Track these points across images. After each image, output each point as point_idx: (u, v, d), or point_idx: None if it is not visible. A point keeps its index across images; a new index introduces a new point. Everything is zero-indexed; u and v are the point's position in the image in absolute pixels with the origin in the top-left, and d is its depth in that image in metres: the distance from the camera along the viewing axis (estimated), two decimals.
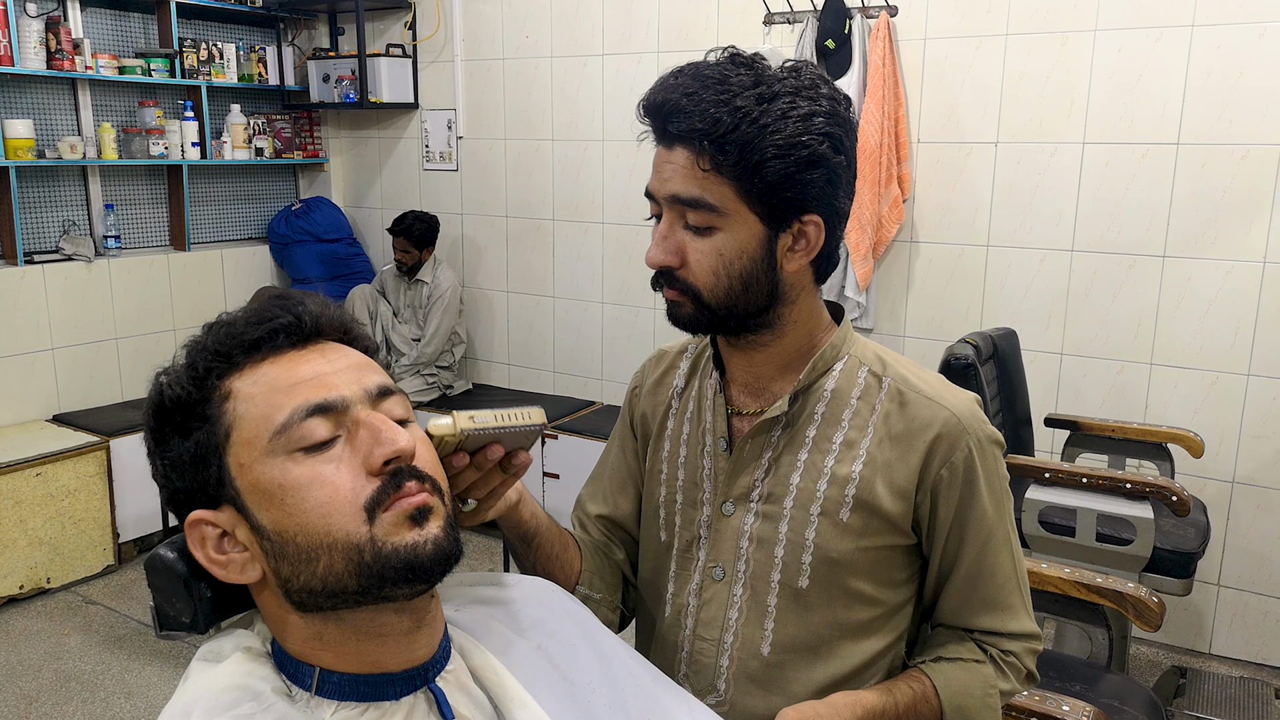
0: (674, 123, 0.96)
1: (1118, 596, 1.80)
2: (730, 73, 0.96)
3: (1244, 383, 2.97)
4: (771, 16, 3.52)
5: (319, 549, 0.71)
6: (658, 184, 1.00)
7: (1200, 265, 2.99)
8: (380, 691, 0.76)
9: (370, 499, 0.72)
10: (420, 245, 4.22)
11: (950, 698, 1.04)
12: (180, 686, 0.75)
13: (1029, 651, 1.09)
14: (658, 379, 1.21)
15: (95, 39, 3.93)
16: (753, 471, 1.07)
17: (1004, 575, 1.07)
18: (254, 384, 0.75)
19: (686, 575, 1.12)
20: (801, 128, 0.94)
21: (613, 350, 4.20)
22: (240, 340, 0.76)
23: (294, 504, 0.72)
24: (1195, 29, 2.89)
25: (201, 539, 0.76)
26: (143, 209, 4.24)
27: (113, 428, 3.69)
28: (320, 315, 0.80)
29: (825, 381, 1.06)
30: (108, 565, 3.64)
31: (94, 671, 2.99)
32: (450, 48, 4.37)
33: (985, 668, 1.06)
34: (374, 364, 0.81)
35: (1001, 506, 1.06)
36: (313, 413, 0.73)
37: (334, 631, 0.75)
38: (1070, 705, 1.41)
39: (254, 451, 0.73)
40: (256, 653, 0.77)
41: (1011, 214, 3.25)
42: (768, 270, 1.00)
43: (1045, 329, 3.24)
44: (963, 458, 1.02)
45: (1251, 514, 3.02)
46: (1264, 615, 3.04)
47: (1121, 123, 3.04)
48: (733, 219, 0.97)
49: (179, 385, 0.76)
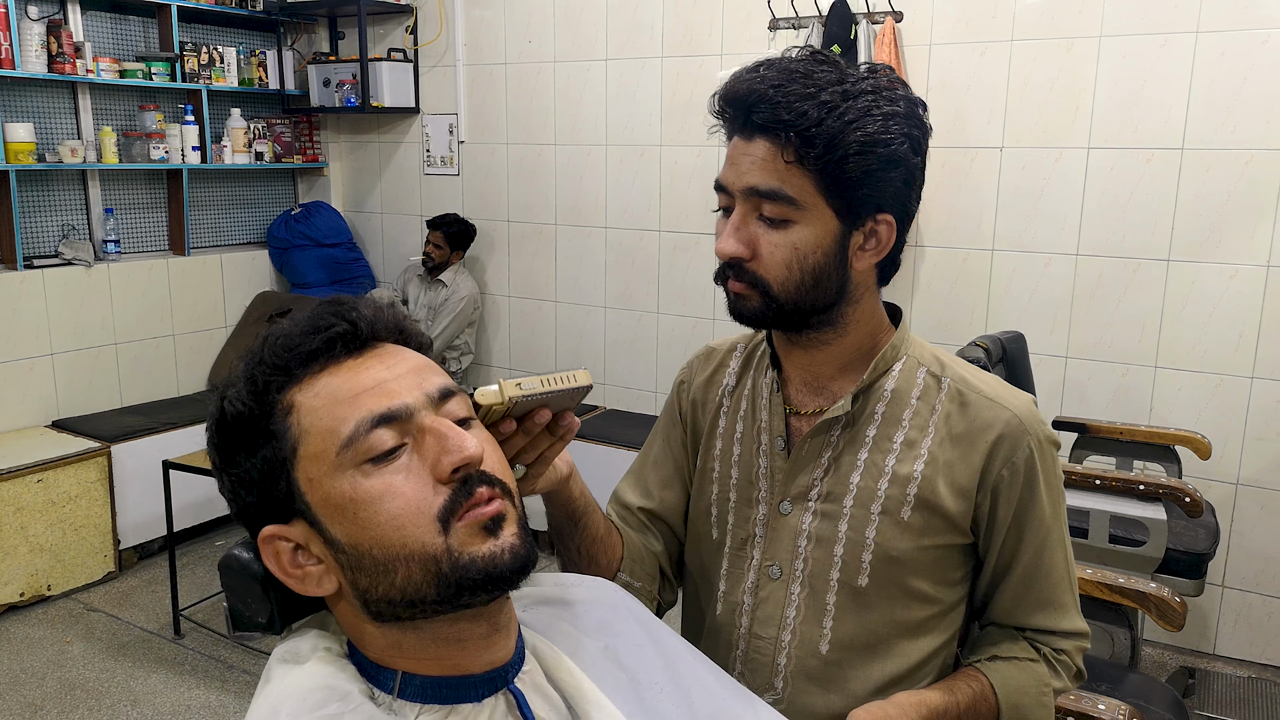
0: (759, 112, 0.95)
1: (1140, 597, 1.82)
2: (814, 69, 0.96)
3: (1248, 385, 3.00)
4: (776, 22, 3.54)
5: (396, 560, 0.71)
6: (734, 176, 0.99)
7: (1205, 269, 3.02)
8: (462, 694, 0.76)
9: (443, 508, 0.71)
10: (453, 245, 4.24)
11: (1007, 696, 1.04)
12: (262, 688, 0.75)
13: (1079, 650, 1.10)
14: (708, 377, 1.20)
15: (96, 42, 3.91)
16: (812, 471, 1.07)
17: (1058, 574, 1.07)
18: (315, 396, 0.74)
19: (740, 573, 1.12)
20: (884, 126, 0.95)
21: (615, 355, 4.20)
22: (298, 353, 0.74)
23: (367, 517, 0.71)
24: (1199, 35, 2.92)
25: (276, 554, 0.75)
26: (142, 213, 4.22)
27: (113, 433, 3.66)
28: (375, 319, 0.79)
29: (885, 382, 1.07)
30: (109, 572, 3.60)
31: (98, 679, 2.96)
32: (452, 52, 4.37)
33: (1039, 666, 1.07)
34: (432, 364, 0.81)
35: (1058, 506, 1.07)
36: (378, 423, 0.72)
37: (412, 640, 0.75)
38: (1106, 704, 1.42)
39: (322, 466, 0.72)
40: (336, 654, 0.77)
41: (1017, 218, 3.27)
42: (839, 267, 1.00)
43: (1051, 332, 3.26)
44: (1024, 458, 1.03)
45: (1256, 515, 3.05)
46: (1268, 616, 3.07)
47: (1126, 128, 3.07)
48: (810, 213, 0.97)
49: (240, 401, 0.74)
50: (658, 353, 4.08)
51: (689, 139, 3.85)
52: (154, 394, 4.15)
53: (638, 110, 3.95)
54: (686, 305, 3.98)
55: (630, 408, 4.16)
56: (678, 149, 3.88)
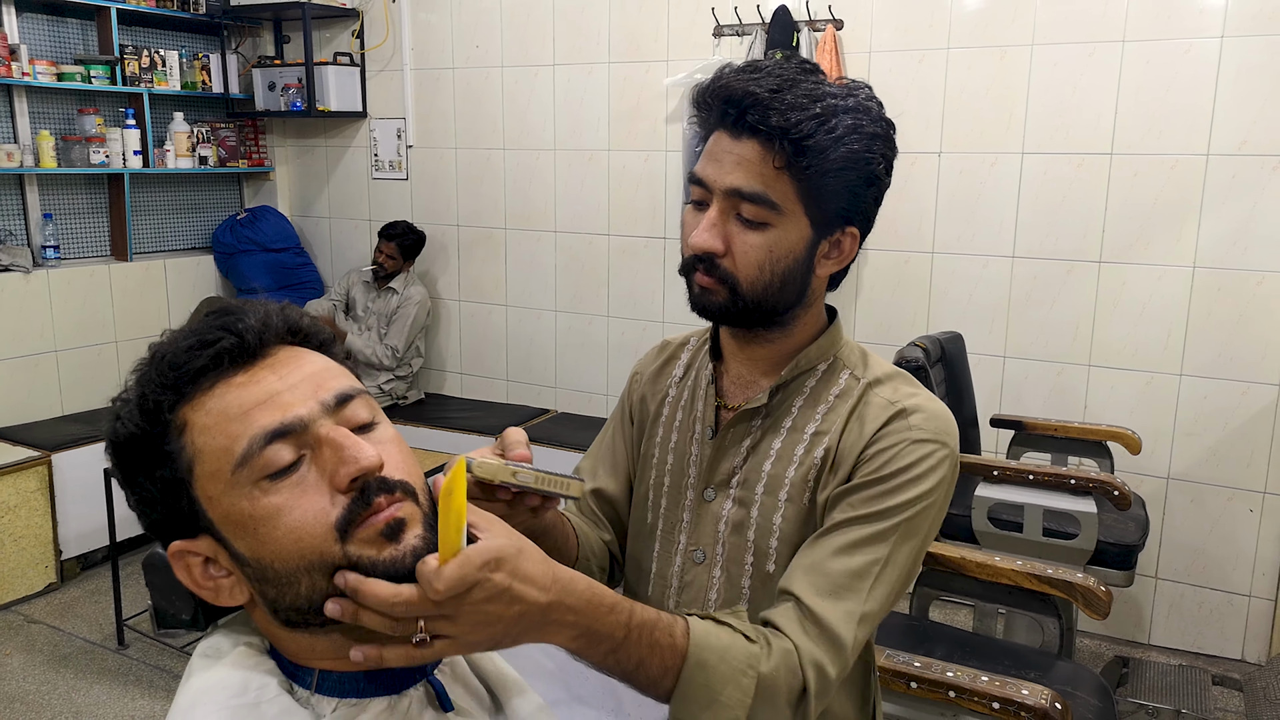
0: (754, 114, 0.97)
1: (1068, 586, 1.88)
2: (804, 79, 0.99)
3: (1177, 382, 3.10)
4: (721, 29, 3.59)
5: (298, 572, 0.70)
6: (716, 173, 1.01)
7: (1134, 270, 3.12)
8: (380, 686, 0.77)
9: (341, 519, 0.70)
10: (406, 256, 4.24)
11: (700, 649, 0.88)
12: (183, 684, 0.75)
13: (815, 664, 0.93)
14: (659, 368, 1.24)
15: (33, 45, 3.84)
16: (732, 459, 1.11)
17: (864, 570, 0.99)
18: (207, 414, 0.72)
19: (669, 556, 1.15)
20: (867, 145, 0.99)
21: (565, 358, 4.22)
22: (185, 370, 0.72)
23: (266, 533, 0.70)
24: (1126, 44, 3.02)
25: (187, 567, 0.75)
26: (83, 218, 4.15)
27: (54, 442, 3.60)
28: (264, 327, 0.76)
29: (807, 379, 1.10)
30: (50, 583, 3.54)
31: (39, 691, 2.91)
32: (399, 57, 4.36)
33: (754, 646, 0.92)
34: (331, 366, 0.78)
35: (911, 513, 1.00)
36: (271, 439, 0.70)
37: (325, 643, 0.76)
38: (1029, 689, 1.47)
39: (219, 484, 0.71)
40: (257, 648, 0.78)
41: (955, 222, 3.35)
42: (804, 272, 1.04)
43: (989, 333, 3.35)
44: (891, 444, 1.02)
45: (1185, 508, 3.15)
46: (1199, 606, 3.17)
47: (1058, 134, 3.16)
48: (787, 219, 1.01)
49: (132, 423, 0.73)
50: (608, 356, 4.11)
51: (636, 144, 3.88)
52: (96, 402, 4.08)
53: (585, 115, 3.98)
54: (636, 308, 4.01)
55: (580, 410, 4.18)
56: (625, 154, 3.91)
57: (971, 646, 2.02)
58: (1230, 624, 3.13)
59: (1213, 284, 3.02)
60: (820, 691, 0.92)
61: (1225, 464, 3.08)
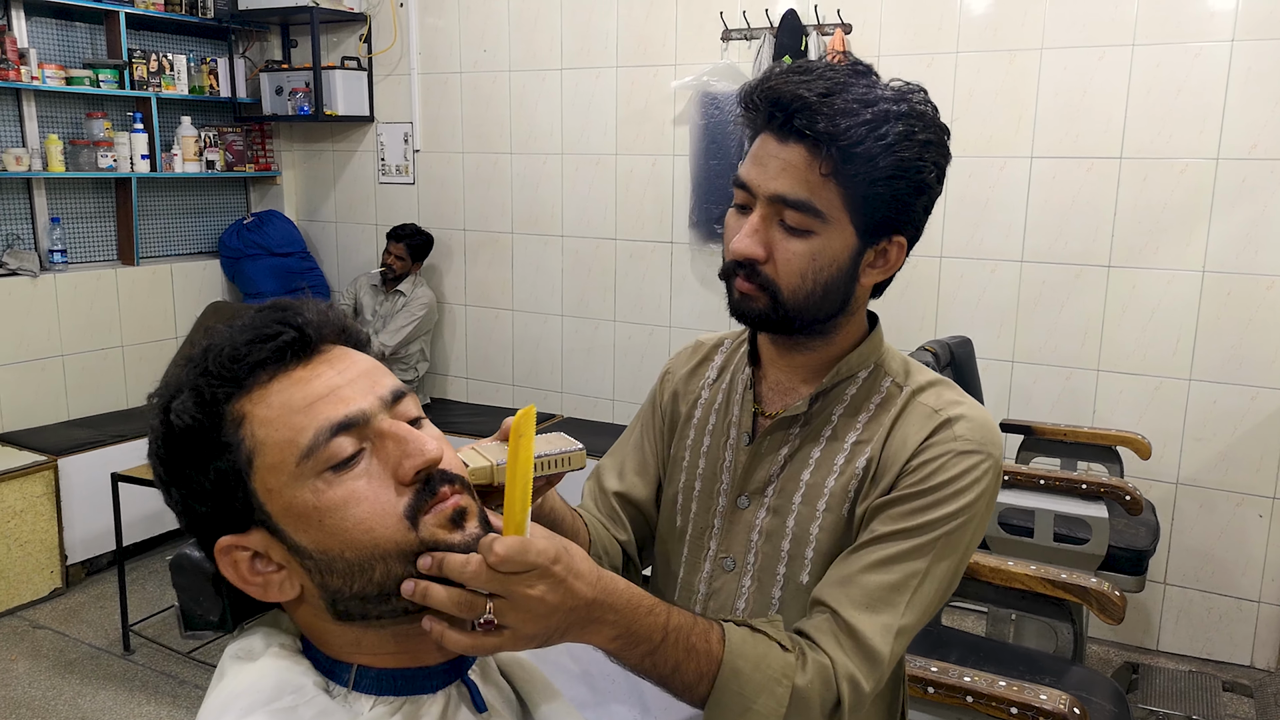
0: (801, 119, 0.94)
1: (1082, 591, 1.87)
2: (855, 82, 0.96)
3: (1186, 387, 3.10)
4: (729, 33, 3.59)
5: (372, 560, 0.72)
6: (760, 177, 0.98)
7: (1143, 275, 3.11)
8: (417, 685, 0.77)
9: (409, 507, 0.73)
10: (414, 256, 4.24)
11: (734, 657, 0.88)
12: (215, 684, 0.75)
13: (850, 679, 0.93)
14: (692, 369, 1.22)
15: (42, 49, 3.85)
16: (769, 467, 1.09)
17: (901, 583, 0.97)
18: (268, 407, 0.72)
19: (697, 562, 1.14)
20: (919, 153, 0.96)
21: (572, 363, 4.22)
22: (246, 363, 0.72)
23: (334, 524, 0.71)
24: (1135, 48, 3.02)
25: (234, 563, 0.75)
26: (90, 222, 4.15)
27: (60, 447, 3.59)
28: (321, 323, 0.77)
29: (848, 387, 1.08)
30: (55, 589, 3.53)
31: (45, 697, 2.90)
32: (406, 61, 4.36)
33: (789, 656, 0.92)
34: (379, 365, 0.81)
35: (952, 526, 0.99)
36: (337, 431, 0.72)
37: (372, 636, 0.76)
38: (1047, 694, 1.46)
39: (282, 476, 0.72)
40: (290, 649, 0.78)
41: (963, 226, 3.35)
42: (848, 281, 1.01)
43: (997, 337, 3.34)
44: (935, 457, 1.00)
45: (1194, 514, 3.14)
46: (1208, 612, 3.16)
47: (1067, 138, 3.16)
48: (832, 227, 0.98)
49: (188, 415, 0.72)
50: (614, 360, 4.10)
51: (644, 148, 3.88)
52: (102, 406, 4.08)
53: (593, 119, 3.98)
54: (643, 313, 4.01)
55: (587, 415, 4.17)
56: (633, 158, 3.91)
57: (985, 652, 2.01)
58: (1240, 630, 3.12)
59: (1222, 288, 3.01)
60: (854, 705, 0.92)
61: (1235, 469, 3.07)
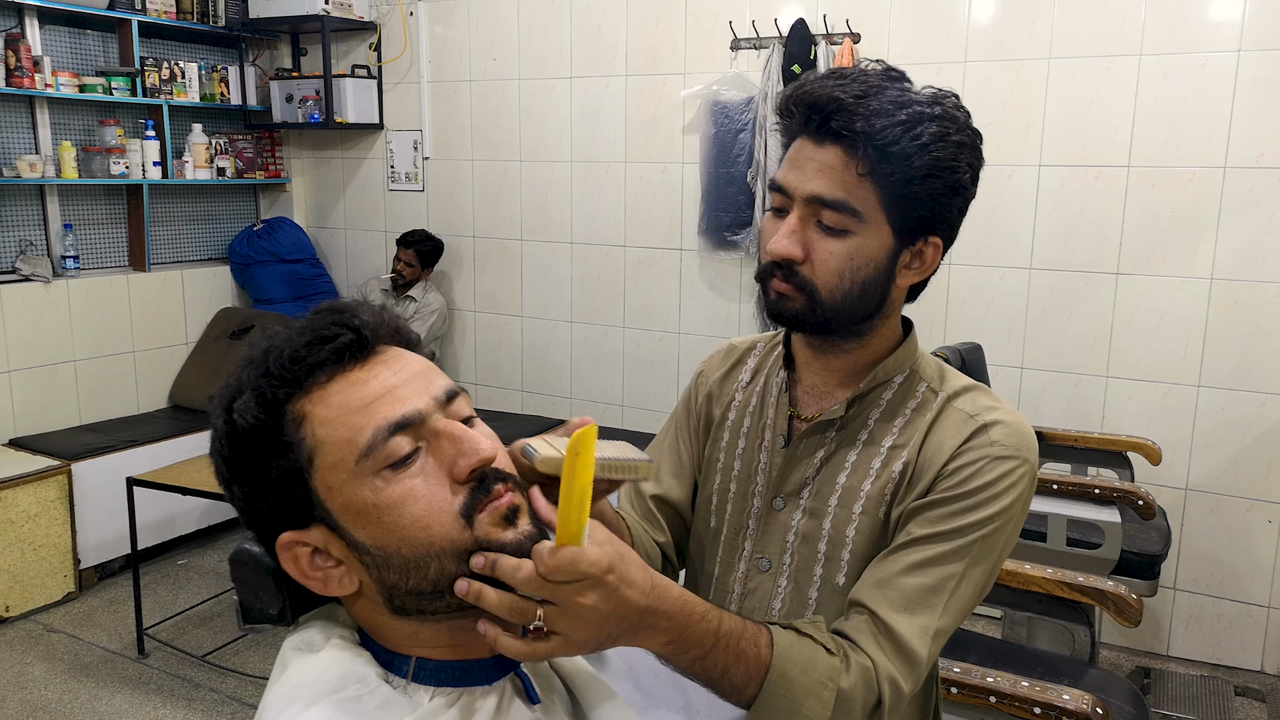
0: (838, 120, 0.96)
1: (1099, 594, 1.89)
2: (889, 86, 0.98)
3: (1194, 394, 3.12)
4: (739, 42, 3.62)
5: (428, 557, 0.73)
6: (797, 180, 1.00)
7: (1151, 282, 3.14)
8: (473, 677, 0.79)
9: (465, 505, 0.74)
10: (424, 263, 4.26)
11: (782, 661, 0.89)
12: (278, 675, 0.77)
13: (890, 680, 0.95)
14: (726, 371, 1.24)
15: (55, 57, 3.87)
16: (805, 469, 1.10)
17: (939, 586, 0.99)
18: (327, 407, 0.74)
19: (731, 562, 1.15)
20: (954, 154, 0.98)
21: (581, 370, 4.23)
22: (306, 364, 0.75)
23: (392, 521, 0.73)
24: (1143, 58, 3.05)
25: (295, 558, 0.77)
26: (102, 229, 4.18)
27: (73, 451, 3.61)
28: (377, 325, 0.80)
29: (884, 392, 1.09)
30: (68, 593, 3.54)
31: (61, 700, 2.91)
32: (416, 69, 4.39)
33: (834, 659, 0.93)
34: (432, 365, 0.83)
35: (989, 530, 1.00)
36: (394, 431, 0.73)
37: (429, 630, 0.78)
38: (1070, 694, 1.48)
39: (341, 474, 0.74)
40: (350, 641, 0.79)
41: (972, 234, 3.37)
42: (884, 282, 1.03)
43: (1006, 344, 3.36)
44: (972, 461, 1.01)
45: (1204, 519, 3.16)
46: (1218, 617, 3.18)
47: (1075, 146, 3.18)
48: (869, 226, 0.99)
49: (250, 415, 0.75)
50: (623, 367, 4.12)
51: (653, 156, 3.91)
52: (114, 411, 4.09)
53: (602, 127, 4.01)
54: (651, 320, 4.03)
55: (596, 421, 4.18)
56: (642, 165, 3.94)
57: (1003, 654, 2.03)
58: (1249, 635, 3.14)
59: (1230, 296, 3.04)
60: (894, 706, 0.94)
61: (1243, 475, 3.09)
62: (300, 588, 0.81)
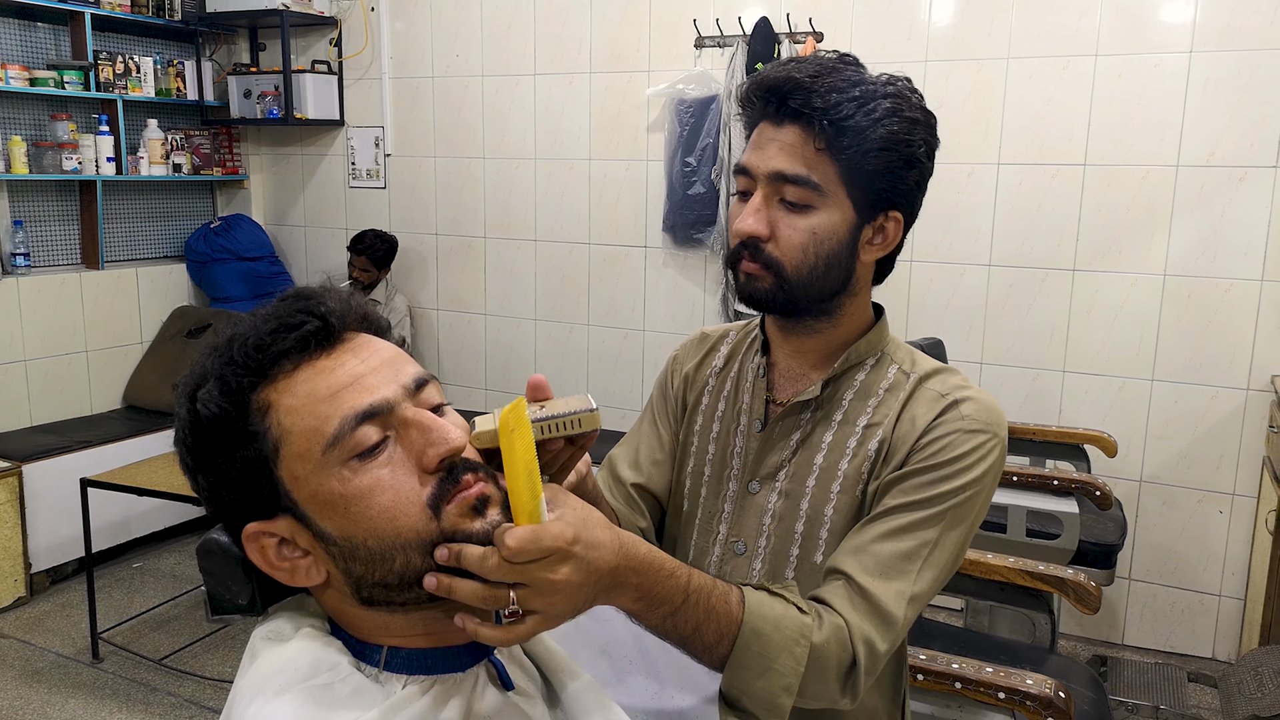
0: (795, 99, 1.00)
1: (1059, 582, 1.92)
2: (843, 68, 1.03)
3: (1149, 387, 3.19)
4: (703, 40, 3.63)
5: (393, 549, 0.72)
6: (759, 159, 1.04)
7: (1107, 278, 3.20)
8: (447, 664, 0.78)
9: (433, 496, 0.73)
10: (380, 265, 4.21)
11: (754, 618, 0.89)
12: (248, 664, 0.76)
13: (865, 640, 0.96)
14: (700, 359, 1.26)
15: (5, 49, 3.78)
16: (781, 451, 1.12)
17: (911, 553, 1.00)
18: (292, 396, 0.73)
19: (706, 546, 1.16)
20: (907, 129, 1.02)
21: (546, 367, 4.22)
22: (271, 352, 0.73)
23: (359, 511, 0.72)
24: (1099, 59, 3.11)
25: (261, 549, 0.76)
26: (53, 225, 4.08)
27: (25, 453, 3.52)
28: (344, 312, 0.78)
29: (857, 374, 1.12)
30: (19, 597, 3.46)
31: (12, 707, 2.84)
32: (378, 65, 4.35)
33: (806, 617, 0.93)
34: (401, 352, 0.81)
35: (960, 500, 1.02)
36: (361, 420, 0.72)
37: (399, 620, 0.77)
38: (1033, 679, 1.50)
39: (307, 464, 0.72)
40: (320, 630, 0.78)
41: (933, 231, 3.41)
42: (848, 257, 1.06)
43: (966, 339, 3.41)
44: (944, 434, 1.04)
45: (1157, 510, 3.23)
46: (1171, 606, 3.25)
47: (1033, 145, 3.24)
48: (830, 200, 1.03)
49: (214, 404, 0.73)
50: (588, 365, 4.12)
51: (618, 153, 3.91)
52: (67, 412, 4.00)
53: (566, 125, 4.00)
54: (617, 317, 4.03)
55: None
56: (607, 163, 3.94)
57: (966, 642, 2.06)
58: (1201, 623, 3.21)
59: (1182, 291, 3.10)
60: (869, 667, 0.94)
61: (1195, 466, 3.16)
62: (269, 578, 0.80)
